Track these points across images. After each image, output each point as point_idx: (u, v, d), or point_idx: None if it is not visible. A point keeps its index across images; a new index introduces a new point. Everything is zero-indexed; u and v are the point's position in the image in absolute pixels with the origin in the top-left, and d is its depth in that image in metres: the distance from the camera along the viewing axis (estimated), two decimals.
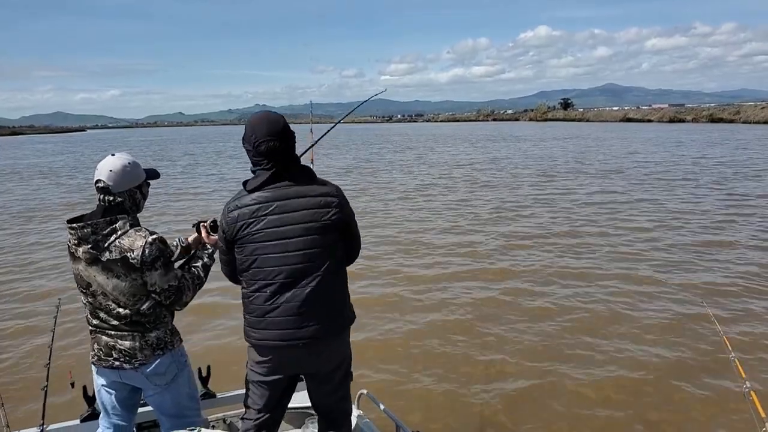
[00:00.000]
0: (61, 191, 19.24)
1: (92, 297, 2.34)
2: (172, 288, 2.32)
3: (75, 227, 2.27)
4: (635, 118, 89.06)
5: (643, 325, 6.19)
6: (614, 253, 9.25)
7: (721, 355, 4.81)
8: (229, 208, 2.29)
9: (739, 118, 68.72)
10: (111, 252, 2.25)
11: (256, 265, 2.25)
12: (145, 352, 2.35)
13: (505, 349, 5.67)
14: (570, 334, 5.97)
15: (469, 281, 7.98)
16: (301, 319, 2.24)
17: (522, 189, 17.10)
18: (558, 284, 7.71)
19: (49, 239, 11.32)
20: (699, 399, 4.62)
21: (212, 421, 3.23)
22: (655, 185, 17.02)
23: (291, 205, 2.22)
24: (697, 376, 4.99)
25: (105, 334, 2.37)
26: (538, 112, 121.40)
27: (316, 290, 2.24)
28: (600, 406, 4.58)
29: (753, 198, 14.29)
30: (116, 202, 2.31)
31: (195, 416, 2.59)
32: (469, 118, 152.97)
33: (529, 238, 10.44)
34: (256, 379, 2.41)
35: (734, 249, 9.33)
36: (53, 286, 8.01)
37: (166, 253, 2.34)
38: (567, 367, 5.22)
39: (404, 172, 23.26)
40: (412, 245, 10.18)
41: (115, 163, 2.31)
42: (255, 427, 2.44)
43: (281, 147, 2.26)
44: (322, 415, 2.56)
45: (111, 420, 2.56)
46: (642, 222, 11.67)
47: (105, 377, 2.46)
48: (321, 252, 2.26)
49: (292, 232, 2.22)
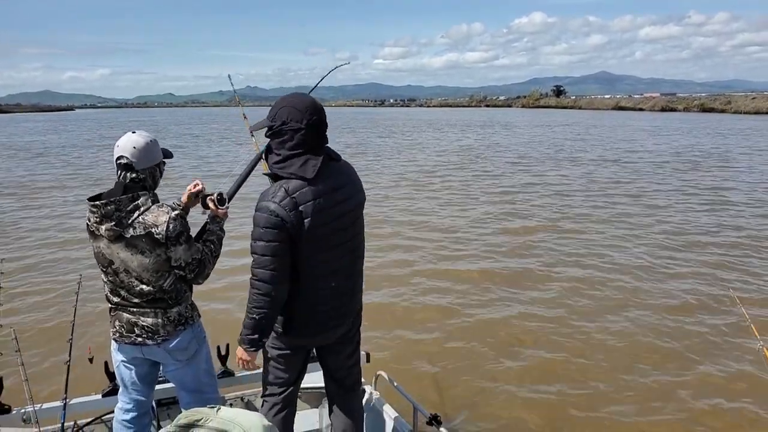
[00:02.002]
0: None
1: (114, 275, 2.35)
2: (195, 261, 2.35)
3: (97, 205, 2.27)
4: (627, 107, 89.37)
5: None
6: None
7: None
8: (287, 207, 2.06)
9: (730, 108, 69.16)
10: (135, 228, 2.26)
11: (322, 253, 2.19)
12: (168, 328, 2.38)
13: (538, 345, 5.55)
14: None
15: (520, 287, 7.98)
16: (353, 295, 2.36)
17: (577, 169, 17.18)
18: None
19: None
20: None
21: (230, 400, 3.26)
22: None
23: (346, 190, 2.23)
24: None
25: (126, 311, 2.39)
26: (531, 99, 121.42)
27: (361, 265, 2.40)
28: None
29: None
30: (138, 178, 2.32)
31: (212, 392, 2.62)
32: (462, 104, 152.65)
33: (576, 230, 10.27)
34: (279, 353, 2.40)
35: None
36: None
37: (188, 228, 2.36)
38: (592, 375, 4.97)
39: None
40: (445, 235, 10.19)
41: (138, 140, 2.32)
42: (282, 401, 2.45)
43: (326, 124, 2.23)
44: (339, 380, 2.57)
45: (131, 395, 2.59)
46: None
47: (126, 353, 2.49)
48: (361, 234, 2.36)
49: (349, 216, 2.25)
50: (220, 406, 1.16)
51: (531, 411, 4.38)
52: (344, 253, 2.26)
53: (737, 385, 4.71)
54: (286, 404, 2.46)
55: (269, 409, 2.45)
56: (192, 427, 1.10)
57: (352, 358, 2.55)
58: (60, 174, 18.03)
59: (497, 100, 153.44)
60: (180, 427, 1.11)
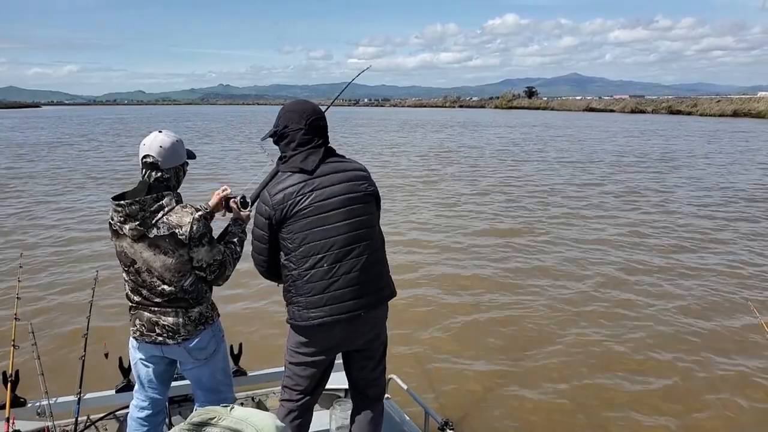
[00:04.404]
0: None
1: (136, 274, 2.38)
2: (216, 262, 2.39)
3: (122, 204, 2.30)
4: (598, 108, 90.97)
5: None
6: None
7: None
8: (271, 192, 2.31)
9: (697, 110, 70.94)
10: (159, 228, 2.30)
11: (307, 241, 2.27)
12: (188, 327, 2.41)
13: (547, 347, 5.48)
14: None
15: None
16: (362, 288, 2.32)
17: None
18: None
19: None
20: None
21: (241, 399, 3.27)
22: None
23: (332, 178, 2.32)
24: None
25: (147, 310, 2.42)
26: (504, 100, 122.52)
27: (370, 258, 2.34)
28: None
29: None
30: (163, 178, 2.35)
31: (228, 392, 2.67)
32: (436, 104, 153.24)
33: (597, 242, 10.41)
34: (302, 360, 2.43)
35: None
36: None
37: (210, 229, 2.41)
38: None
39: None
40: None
41: (164, 139, 2.35)
42: (299, 408, 2.47)
43: (325, 125, 2.43)
44: (362, 390, 2.60)
45: (146, 393, 2.63)
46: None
47: (145, 351, 2.52)
48: (367, 220, 2.36)
49: (339, 203, 2.29)
50: (234, 406, 1.15)
51: (544, 416, 4.35)
52: (342, 237, 2.28)
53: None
54: (303, 412, 2.49)
55: (285, 414, 2.47)
56: (205, 425, 1.08)
57: (376, 371, 2.58)
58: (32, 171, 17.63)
59: (470, 100, 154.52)
60: (193, 425, 1.09)
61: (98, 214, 11.07)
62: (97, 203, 12.40)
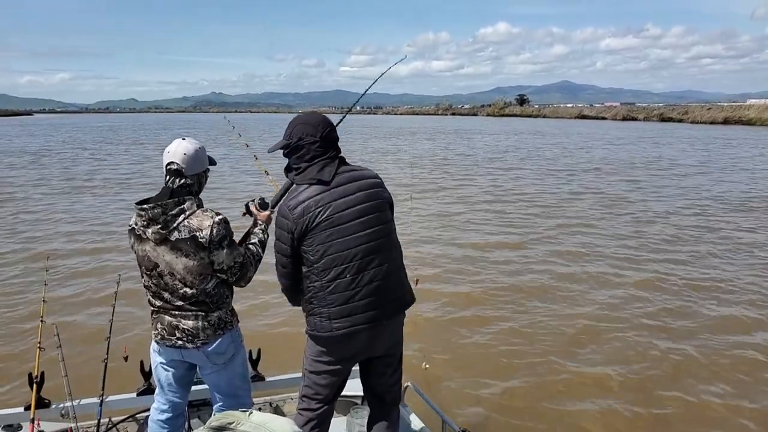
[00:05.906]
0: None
1: (158, 278, 2.41)
2: (237, 264, 2.42)
3: (145, 208, 2.34)
4: (590, 116, 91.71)
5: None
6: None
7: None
8: (290, 205, 2.31)
9: (688, 118, 71.67)
10: (180, 232, 2.33)
11: (329, 252, 2.27)
12: (208, 331, 2.44)
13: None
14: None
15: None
16: (384, 297, 2.33)
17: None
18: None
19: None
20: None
21: (258, 404, 3.28)
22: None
23: (349, 188, 2.33)
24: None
25: (168, 314, 2.44)
26: (496, 108, 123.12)
27: (391, 266, 2.36)
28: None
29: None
30: (186, 184, 2.39)
31: (246, 397, 2.69)
32: (429, 112, 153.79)
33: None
34: (323, 369, 2.43)
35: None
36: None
37: (231, 232, 2.44)
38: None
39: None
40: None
41: (188, 147, 2.39)
42: (318, 417, 2.48)
43: (337, 136, 2.46)
44: (378, 397, 2.61)
45: (167, 396, 2.65)
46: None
47: (165, 355, 2.55)
48: (385, 228, 2.38)
49: (358, 213, 2.30)
50: (252, 411, 1.14)
51: (562, 426, 4.30)
52: (363, 246, 2.29)
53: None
54: (321, 420, 2.50)
55: (304, 423, 2.48)
56: (224, 430, 1.08)
57: (393, 377, 2.59)
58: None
59: (462, 108, 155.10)
60: (212, 429, 1.09)
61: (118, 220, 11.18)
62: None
